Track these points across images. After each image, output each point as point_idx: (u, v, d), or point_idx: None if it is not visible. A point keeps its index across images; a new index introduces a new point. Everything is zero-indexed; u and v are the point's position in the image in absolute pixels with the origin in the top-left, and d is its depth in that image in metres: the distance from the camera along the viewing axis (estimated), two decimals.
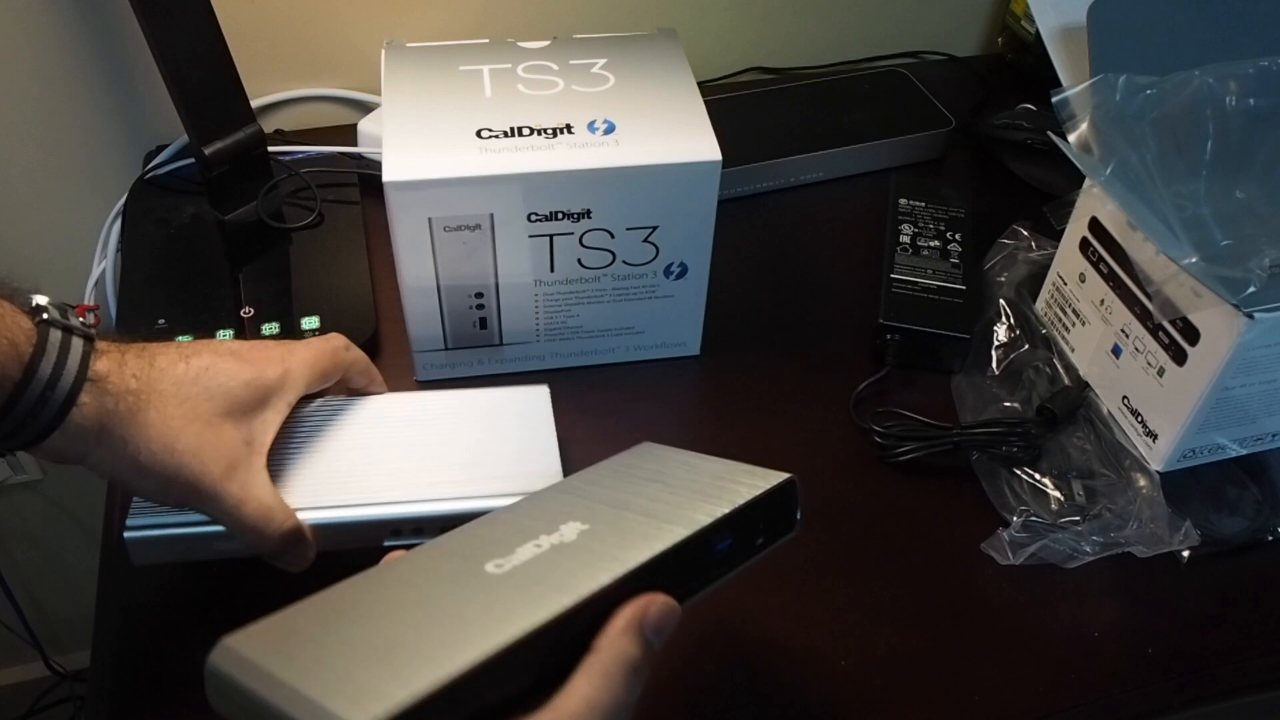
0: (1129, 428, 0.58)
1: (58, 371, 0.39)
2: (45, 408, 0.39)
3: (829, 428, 0.61)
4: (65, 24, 0.72)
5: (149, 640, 0.49)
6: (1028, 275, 0.67)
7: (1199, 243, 0.50)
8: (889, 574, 0.54)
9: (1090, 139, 0.54)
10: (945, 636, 0.51)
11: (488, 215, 0.54)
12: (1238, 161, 0.54)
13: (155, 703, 0.47)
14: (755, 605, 0.52)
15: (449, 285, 0.57)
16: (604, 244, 0.57)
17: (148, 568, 0.47)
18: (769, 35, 0.90)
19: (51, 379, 0.39)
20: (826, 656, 0.50)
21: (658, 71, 0.59)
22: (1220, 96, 0.53)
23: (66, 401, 0.39)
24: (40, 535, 1.09)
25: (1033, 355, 0.62)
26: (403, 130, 0.54)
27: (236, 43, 0.65)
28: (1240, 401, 0.53)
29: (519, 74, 0.58)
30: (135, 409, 0.41)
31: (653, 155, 0.54)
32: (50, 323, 0.40)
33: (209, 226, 0.69)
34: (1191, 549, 0.54)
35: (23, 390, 0.39)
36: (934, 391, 0.62)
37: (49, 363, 0.39)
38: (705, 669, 0.49)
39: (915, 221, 0.69)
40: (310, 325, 0.62)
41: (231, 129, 0.67)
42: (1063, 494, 0.56)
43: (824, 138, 0.78)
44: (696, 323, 0.63)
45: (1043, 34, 0.58)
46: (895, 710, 0.48)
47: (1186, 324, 0.52)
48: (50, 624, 1.17)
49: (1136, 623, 0.52)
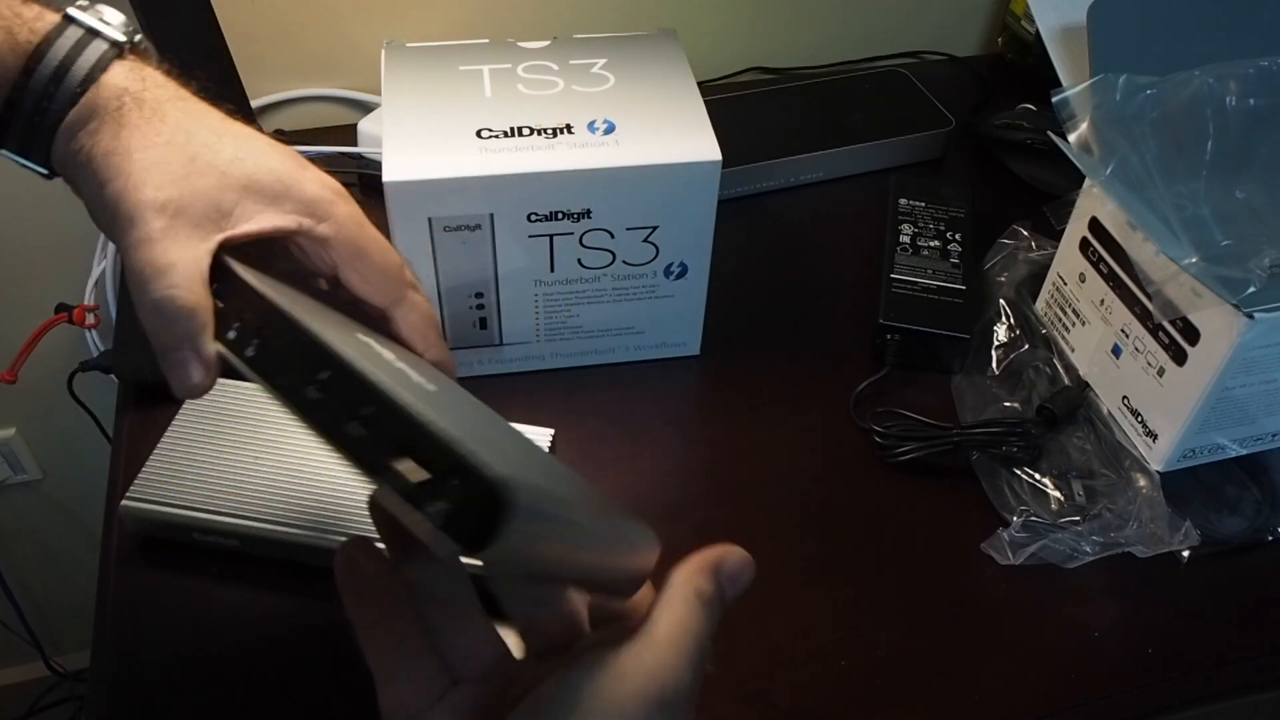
0: (1129, 428, 0.58)
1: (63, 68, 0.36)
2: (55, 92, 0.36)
3: (829, 428, 0.61)
4: None
5: (149, 640, 0.49)
6: (1028, 275, 0.67)
7: (1199, 243, 0.50)
8: (889, 574, 0.54)
9: (1090, 139, 0.54)
10: (945, 636, 0.51)
11: (488, 215, 0.54)
12: (1238, 161, 0.54)
13: (155, 703, 0.47)
14: (755, 605, 0.52)
15: (449, 285, 0.57)
16: (604, 244, 0.57)
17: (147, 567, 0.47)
18: (769, 35, 0.90)
19: (57, 73, 0.36)
20: (826, 656, 0.50)
21: (658, 71, 0.59)
22: (1220, 96, 0.53)
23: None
24: (40, 535, 1.09)
25: (1033, 355, 0.62)
26: (403, 130, 0.54)
27: (236, 43, 0.65)
28: (1240, 401, 0.53)
29: (519, 74, 0.58)
30: (133, 116, 0.37)
31: (653, 155, 0.54)
32: (72, 20, 0.37)
33: None
34: (1191, 549, 0.54)
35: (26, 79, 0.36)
36: (934, 391, 0.62)
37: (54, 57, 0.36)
38: (705, 669, 0.49)
39: (915, 221, 0.69)
40: None
41: None
42: (1063, 494, 0.56)
43: (824, 138, 0.78)
44: (696, 323, 0.63)
45: (1043, 34, 0.58)
46: (895, 710, 0.48)
47: (1186, 324, 0.52)
48: (50, 624, 1.17)
49: (1136, 623, 0.52)
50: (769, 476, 0.58)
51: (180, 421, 0.54)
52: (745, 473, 0.58)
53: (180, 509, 0.50)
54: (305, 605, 0.50)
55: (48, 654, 1.15)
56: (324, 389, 0.30)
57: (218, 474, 0.52)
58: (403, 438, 0.27)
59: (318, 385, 0.30)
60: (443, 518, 0.26)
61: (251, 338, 0.34)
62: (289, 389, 0.31)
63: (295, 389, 0.31)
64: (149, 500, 0.51)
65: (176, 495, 0.51)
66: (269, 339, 0.33)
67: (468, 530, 0.26)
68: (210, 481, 0.52)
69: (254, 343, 0.34)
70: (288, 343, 0.32)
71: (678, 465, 0.59)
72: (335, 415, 0.29)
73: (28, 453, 0.99)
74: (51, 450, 1.00)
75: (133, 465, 0.53)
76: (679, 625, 0.31)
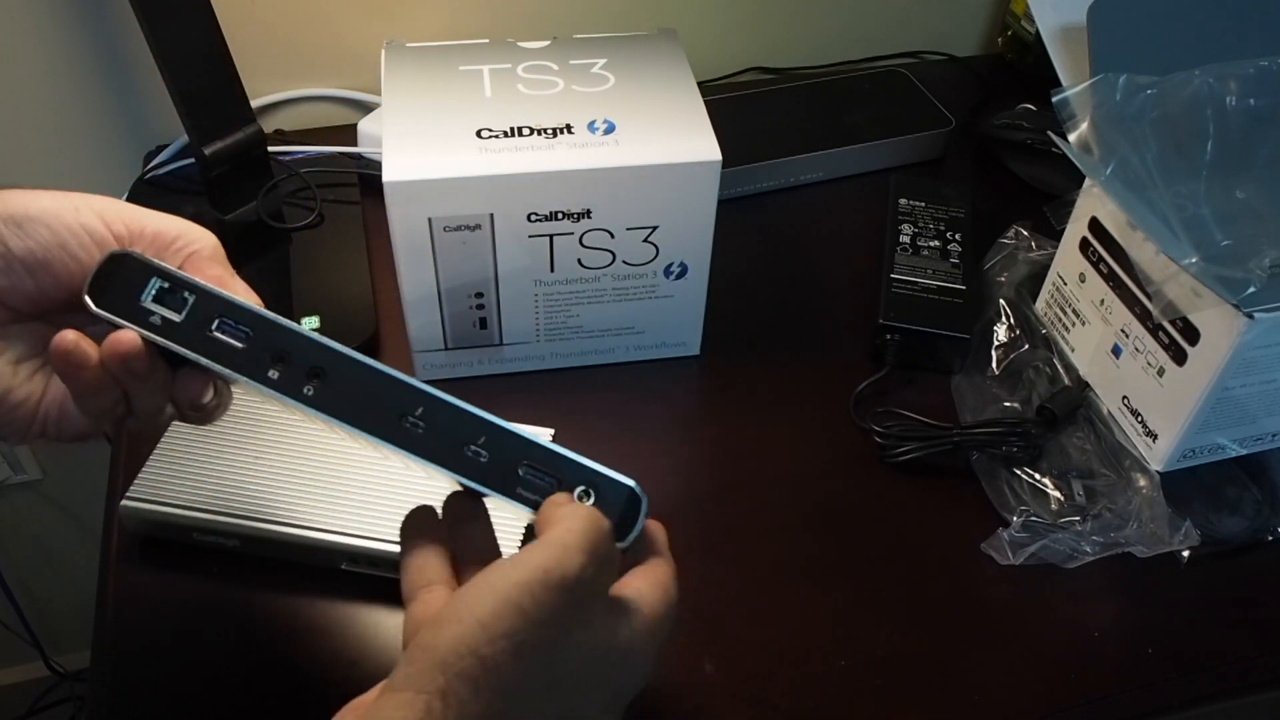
0: (1129, 428, 0.58)
1: None
2: None
3: (829, 428, 0.61)
4: (65, 24, 0.72)
5: (149, 640, 0.49)
6: (1028, 275, 0.67)
7: (1199, 243, 0.50)
8: (889, 574, 0.54)
9: (1090, 139, 0.53)
10: (945, 636, 0.51)
11: (488, 215, 0.54)
12: (1238, 161, 0.54)
13: (155, 703, 0.47)
14: (755, 605, 0.52)
15: (449, 285, 0.57)
16: (604, 244, 0.57)
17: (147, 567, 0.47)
18: (769, 35, 0.90)
19: None
20: (826, 656, 0.50)
21: (658, 71, 0.59)
22: (1220, 96, 0.53)
23: None
24: (40, 535, 1.09)
25: (1033, 355, 0.62)
26: (403, 130, 0.54)
27: (236, 43, 0.65)
28: (1240, 401, 0.53)
29: (519, 74, 0.58)
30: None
31: (653, 155, 0.54)
32: None
33: (209, 226, 0.69)
34: (1191, 549, 0.54)
35: None
36: (934, 391, 0.62)
37: None
38: (705, 669, 0.49)
39: (915, 221, 0.69)
40: (310, 325, 0.62)
41: (231, 129, 0.67)
42: (1063, 494, 0.56)
43: (824, 138, 0.78)
44: (696, 323, 0.63)
45: (1043, 34, 0.58)
46: (895, 710, 0.48)
47: (1186, 324, 0.52)
48: (50, 624, 1.17)
49: (1136, 623, 0.52)
50: (769, 476, 0.58)
51: (180, 421, 0.54)
52: (745, 472, 0.58)
53: (180, 509, 0.51)
54: (305, 605, 0.50)
55: (48, 654, 1.15)
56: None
57: (218, 474, 0.52)
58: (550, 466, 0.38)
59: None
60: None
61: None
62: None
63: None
64: (149, 500, 0.51)
65: (176, 495, 0.51)
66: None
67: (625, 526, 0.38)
68: (210, 481, 0.52)
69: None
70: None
71: (678, 465, 0.59)
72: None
73: (28, 453, 0.99)
74: (51, 450, 1.00)
75: (133, 465, 0.53)
76: (564, 523, 0.35)
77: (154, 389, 0.38)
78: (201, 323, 0.37)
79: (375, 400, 0.37)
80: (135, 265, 0.37)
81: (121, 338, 0.36)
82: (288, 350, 0.37)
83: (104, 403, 0.37)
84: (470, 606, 0.32)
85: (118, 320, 0.36)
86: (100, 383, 0.37)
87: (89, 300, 0.36)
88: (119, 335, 0.36)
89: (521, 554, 0.34)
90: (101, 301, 0.36)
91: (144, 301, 0.37)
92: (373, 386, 0.37)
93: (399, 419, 0.37)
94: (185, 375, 0.38)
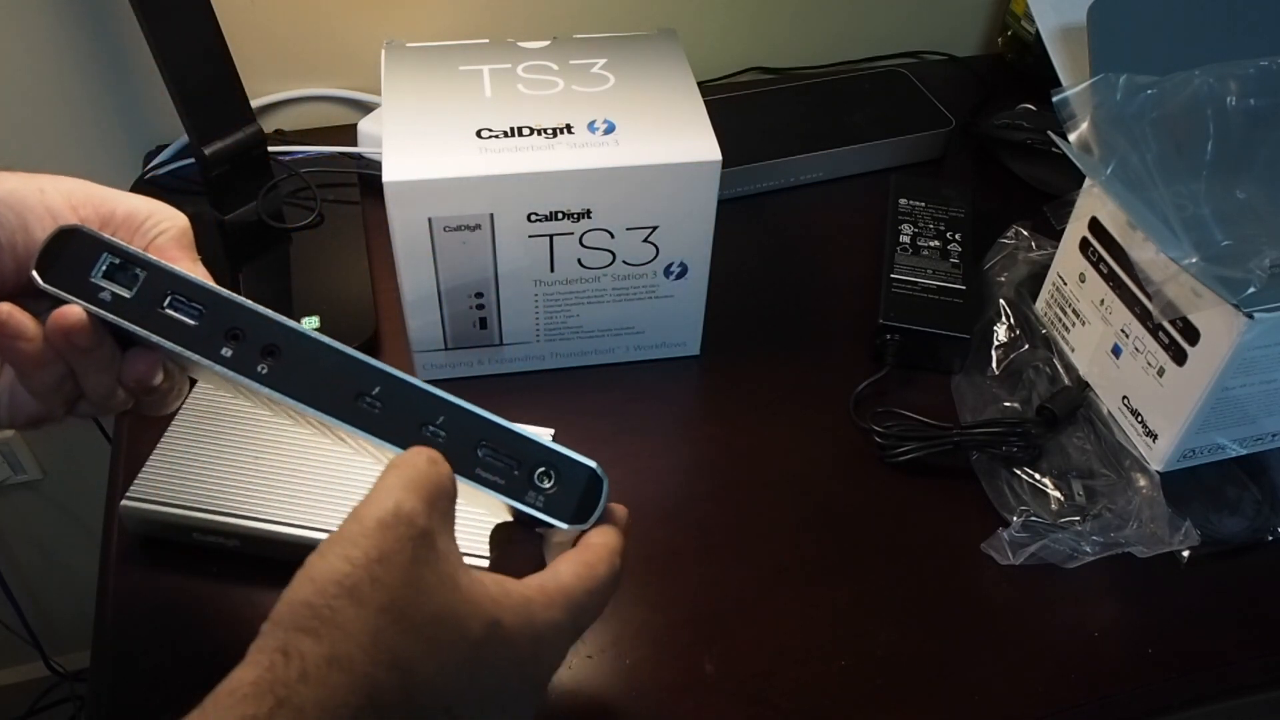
0: (1129, 428, 0.58)
1: None
2: None
3: (829, 428, 0.61)
4: (65, 24, 0.72)
5: (149, 640, 0.49)
6: (1028, 275, 0.67)
7: (1199, 243, 0.50)
8: (889, 574, 0.54)
9: (1090, 139, 0.54)
10: (945, 636, 0.51)
11: (488, 215, 0.54)
12: (1238, 161, 0.54)
13: (155, 703, 0.47)
14: (755, 605, 0.52)
15: (449, 285, 0.57)
16: (604, 244, 0.57)
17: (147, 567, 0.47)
18: (769, 35, 0.90)
19: None
20: (826, 656, 0.50)
21: (658, 71, 0.59)
22: (1220, 96, 0.53)
23: None
24: (40, 535, 1.09)
25: (1033, 355, 0.62)
26: (403, 130, 0.54)
27: (236, 43, 0.65)
28: (1240, 401, 0.53)
29: (519, 74, 0.58)
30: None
31: (653, 155, 0.54)
32: None
33: (209, 227, 0.69)
34: (1191, 549, 0.54)
35: None
36: (934, 391, 0.62)
37: None
38: (705, 669, 0.49)
39: (915, 221, 0.69)
40: (310, 325, 0.62)
41: (231, 129, 0.67)
42: (1063, 494, 0.56)
43: (824, 138, 0.78)
44: (696, 323, 0.63)
45: (1043, 34, 0.58)
46: (895, 710, 0.48)
47: (1186, 324, 0.52)
48: (50, 624, 1.17)
49: (1136, 623, 0.52)
50: (769, 476, 0.58)
51: (180, 421, 0.54)
52: (745, 472, 0.58)
53: (180, 509, 0.50)
54: None
55: (48, 654, 1.15)
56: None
57: (218, 474, 0.52)
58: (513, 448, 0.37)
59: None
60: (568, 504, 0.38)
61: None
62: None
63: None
64: (149, 500, 0.51)
65: (176, 495, 0.51)
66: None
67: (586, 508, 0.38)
68: (210, 481, 0.52)
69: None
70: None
71: (678, 465, 0.59)
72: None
73: (28, 453, 0.99)
74: (51, 450, 1.00)
75: (133, 465, 0.53)
76: (386, 473, 0.34)
77: (100, 367, 0.37)
78: (153, 299, 0.36)
79: (331, 379, 0.36)
80: (85, 240, 0.36)
81: (66, 311, 0.35)
82: (241, 328, 0.36)
83: (48, 379, 0.37)
84: (305, 567, 0.32)
85: (65, 295, 0.36)
86: (41, 357, 0.36)
87: (37, 276, 0.36)
88: (64, 309, 0.35)
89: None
90: (50, 277, 0.36)
91: (94, 277, 0.36)
92: (328, 365, 0.36)
93: (355, 398, 0.36)
94: (133, 354, 0.38)
